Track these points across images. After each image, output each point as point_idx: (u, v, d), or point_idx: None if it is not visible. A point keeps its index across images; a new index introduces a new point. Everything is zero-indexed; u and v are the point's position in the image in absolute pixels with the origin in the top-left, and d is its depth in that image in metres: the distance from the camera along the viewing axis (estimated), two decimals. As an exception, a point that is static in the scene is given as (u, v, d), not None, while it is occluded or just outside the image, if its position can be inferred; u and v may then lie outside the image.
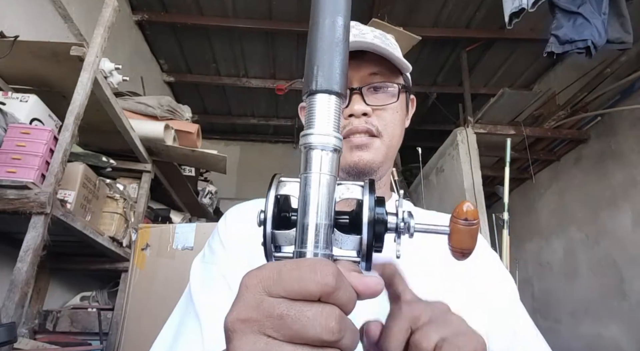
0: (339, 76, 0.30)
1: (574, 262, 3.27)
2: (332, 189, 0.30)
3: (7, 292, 1.08)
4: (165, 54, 3.59)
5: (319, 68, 0.30)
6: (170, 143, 2.04)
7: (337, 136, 0.30)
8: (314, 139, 0.29)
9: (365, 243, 0.30)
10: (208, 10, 3.11)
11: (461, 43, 3.30)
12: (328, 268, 0.26)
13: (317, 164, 0.29)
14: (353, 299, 0.27)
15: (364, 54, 0.62)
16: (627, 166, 2.81)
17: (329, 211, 0.29)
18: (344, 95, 0.30)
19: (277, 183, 0.32)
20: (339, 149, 0.30)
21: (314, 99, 0.30)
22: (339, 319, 0.25)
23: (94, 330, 1.76)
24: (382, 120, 0.63)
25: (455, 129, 3.00)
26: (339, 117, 0.30)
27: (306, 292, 0.25)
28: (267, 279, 0.26)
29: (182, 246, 1.50)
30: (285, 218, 0.33)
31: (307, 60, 0.31)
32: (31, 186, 1.17)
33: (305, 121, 0.30)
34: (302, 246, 0.29)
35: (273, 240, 0.31)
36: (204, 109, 4.46)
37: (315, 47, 0.31)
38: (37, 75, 1.52)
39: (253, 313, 0.25)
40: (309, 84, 0.30)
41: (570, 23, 1.92)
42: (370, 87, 0.63)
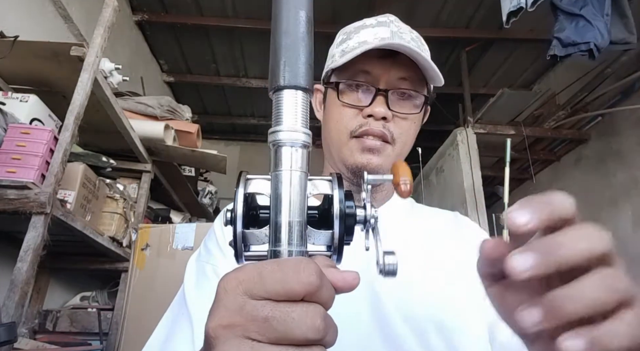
0: (305, 71, 0.30)
1: (574, 262, 3.26)
2: (304, 186, 0.29)
3: (7, 292, 1.08)
4: (165, 54, 3.59)
5: (284, 63, 0.29)
6: (170, 143, 2.04)
7: (305, 131, 0.29)
8: (283, 135, 0.29)
9: (337, 237, 0.30)
10: (208, 11, 3.11)
11: (461, 43, 3.29)
12: (311, 267, 0.25)
13: (287, 161, 0.29)
14: (333, 295, 0.27)
15: (396, 55, 0.59)
16: (627, 166, 2.80)
17: (301, 208, 0.29)
18: (310, 90, 0.30)
19: (244, 180, 0.31)
20: (308, 145, 0.30)
21: (280, 95, 0.29)
22: (323, 317, 0.25)
23: (94, 330, 1.76)
24: (399, 128, 0.61)
25: (455, 130, 3.00)
26: (307, 112, 0.30)
27: (291, 293, 0.24)
28: (248, 281, 0.25)
29: (182, 246, 1.50)
30: (254, 216, 0.32)
31: (272, 55, 0.30)
32: (31, 186, 1.17)
33: (273, 118, 0.30)
34: (277, 245, 0.28)
35: (243, 239, 0.30)
36: (204, 109, 4.45)
37: (280, 42, 0.30)
38: (37, 75, 1.52)
39: (236, 317, 0.24)
40: (275, 80, 0.29)
41: (572, 25, 1.92)
42: (396, 92, 0.61)
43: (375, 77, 0.61)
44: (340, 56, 0.62)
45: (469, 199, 2.73)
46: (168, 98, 2.17)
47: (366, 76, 0.61)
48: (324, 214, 0.33)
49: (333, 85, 0.64)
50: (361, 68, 0.61)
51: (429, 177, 3.50)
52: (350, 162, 0.61)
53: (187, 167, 2.67)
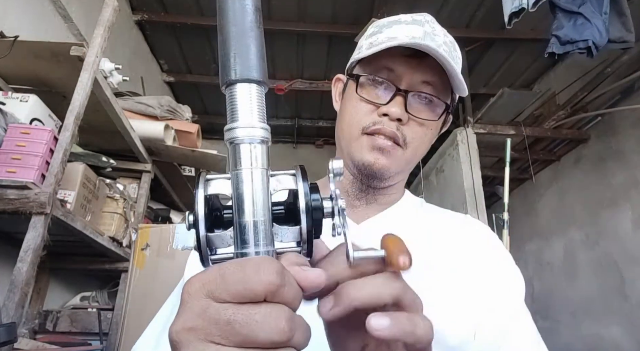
0: (257, 62, 0.28)
1: (574, 262, 3.27)
2: (266, 183, 0.28)
3: (7, 292, 1.08)
4: (165, 54, 3.59)
5: (234, 56, 0.28)
6: (170, 143, 2.04)
7: (263, 126, 0.28)
8: (240, 132, 0.28)
9: (304, 231, 0.30)
10: (208, 10, 3.11)
11: (461, 43, 3.26)
12: (272, 266, 0.25)
13: (246, 159, 0.28)
14: (299, 295, 0.26)
15: (424, 56, 0.56)
16: (627, 166, 2.81)
17: (265, 207, 0.28)
18: (264, 82, 0.29)
19: (204, 181, 0.30)
20: (266, 140, 0.28)
21: (233, 90, 0.28)
22: (288, 318, 0.24)
23: (94, 330, 1.76)
24: (413, 133, 0.59)
25: (455, 129, 3.00)
26: (262, 106, 0.29)
27: (251, 293, 0.24)
28: (210, 283, 0.25)
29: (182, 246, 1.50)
30: (218, 217, 0.31)
31: (221, 48, 0.29)
32: (31, 186, 1.17)
33: (228, 115, 0.28)
34: (243, 247, 0.27)
35: (209, 243, 0.29)
36: (204, 109, 4.45)
37: (228, 33, 0.28)
38: (37, 75, 1.52)
39: (198, 320, 0.24)
40: (227, 74, 0.28)
41: (570, 23, 1.92)
42: (417, 95, 0.59)
43: (398, 76, 0.59)
44: (367, 48, 0.60)
45: (469, 199, 2.73)
46: (168, 98, 2.17)
47: (389, 73, 0.59)
48: (290, 209, 0.32)
49: (354, 77, 0.61)
50: (385, 64, 0.59)
51: (429, 177, 3.50)
52: (357, 158, 0.59)
53: (187, 167, 2.67)
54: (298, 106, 4.34)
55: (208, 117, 4.51)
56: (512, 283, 0.60)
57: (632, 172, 2.77)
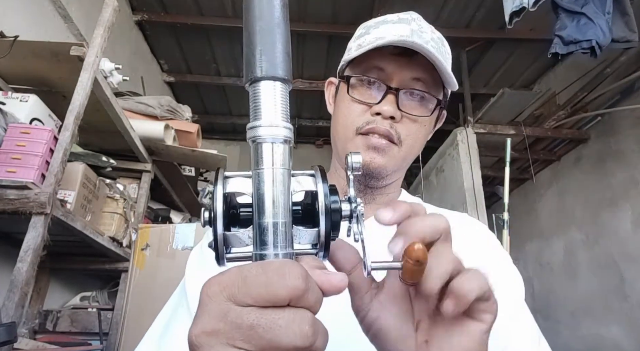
0: (283, 60, 0.28)
1: (574, 262, 3.27)
2: (287, 184, 0.28)
3: (7, 292, 1.08)
4: (165, 54, 3.59)
5: (261, 53, 0.27)
6: (170, 143, 2.04)
7: (286, 125, 0.28)
8: (263, 131, 0.27)
9: (323, 233, 0.29)
10: (208, 10, 3.11)
11: (461, 43, 3.29)
12: (296, 270, 0.24)
13: (268, 159, 0.27)
14: (320, 299, 0.26)
15: (413, 54, 0.57)
16: (627, 166, 2.81)
17: (286, 208, 0.27)
18: (289, 80, 0.28)
19: (222, 178, 0.29)
20: (289, 140, 0.28)
21: (257, 87, 0.28)
22: (311, 323, 0.24)
23: (94, 330, 1.76)
24: (407, 130, 0.59)
25: (455, 129, 3.00)
26: (287, 105, 0.28)
27: (275, 298, 0.24)
28: (231, 286, 0.24)
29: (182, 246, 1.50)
30: (234, 215, 0.30)
31: (246, 44, 0.28)
32: (31, 186, 1.17)
33: (251, 112, 0.28)
34: (262, 248, 0.27)
35: (225, 241, 0.28)
36: (204, 109, 4.45)
37: (254, 29, 0.28)
38: (37, 75, 1.52)
39: (220, 324, 0.24)
40: (252, 71, 0.27)
41: (574, 23, 1.91)
42: (408, 92, 0.59)
43: (388, 75, 0.59)
44: (356, 50, 0.61)
45: (469, 199, 2.73)
46: (168, 98, 2.17)
47: (379, 72, 0.59)
48: (307, 210, 0.31)
49: (345, 79, 0.62)
50: (375, 64, 0.59)
51: (429, 177, 3.50)
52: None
53: (187, 167, 2.67)
54: (298, 106, 4.34)
55: (208, 117, 4.51)
56: (511, 283, 0.60)
57: (632, 173, 2.77)
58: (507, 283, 0.59)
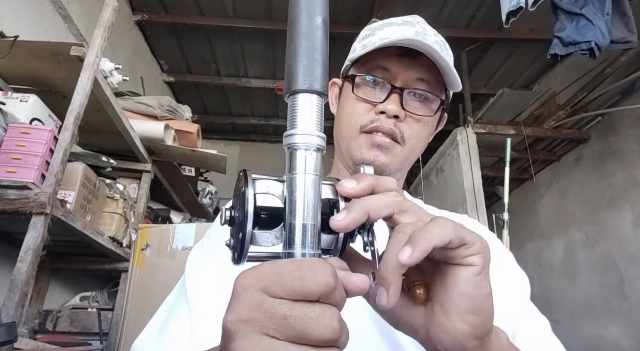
0: (321, 75, 0.30)
1: (574, 262, 3.27)
2: (318, 189, 0.30)
3: (7, 292, 1.08)
4: (165, 54, 3.59)
5: (304, 68, 0.30)
6: (170, 143, 2.04)
7: (320, 135, 0.30)
8: (298, 139, 0.29)
9: (341, 239, 0.31)
10: (208, 10, 3.11)
11: (461, 43, 3.29)
12: (327, 269, 0.26)
13: (301, 165, 0.29)
14: (345, 298, 0.27)
15: (417, 55, 0.58)
16: (627, 166, 2.81)
17: (316, 211, 0.29)
18: (325, 94, 0.30)
19: (252, 180, 0.31)
20: (322, 149, 0.30)
21: (296, 99, 0.30)
22: (339, 319, 0.25)
23: (94, 330, 1.76)
24: (411, 129, 0.60)
25: (455, 129, 3.00)
26: (321, 116, 0.30)
27: (308, 293, 0.25)
28: (266, 279, 0.26)
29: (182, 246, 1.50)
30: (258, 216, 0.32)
31: (288, 59, 0.31)
32: (31, 186, 1.17)
33: (288, 121, 0.30)
34: (291, 247, 0.29)
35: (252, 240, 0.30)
36: (204, 109, 4.45)
37: (296, 46, 0.30)
38: (37, 75, 1.52)
39: (254, 313, 0.25)
40: (292, 84, 0.30)
41: (573, 25, 1.92)
42: (412, 92, 0.60)
43: (392, 75, 0.60)
44: (361, 50, 0.61)
45: (469, 199, 2.73)
46: (168, 98, 2.17)
47: (384, 72, 0.60)
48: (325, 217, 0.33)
49: (349, 78, 0.63)
50: (380, 64, 0.60)
51: (429, 177, 3.50)
52: (357, 157, 0.60)
53: (187, 167, 2.67)
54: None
55: (208, 117, 4.51)
56: (517, 283, 0.61)
57: (632, 172, 2.77)
58: (512, 283, 0.60)
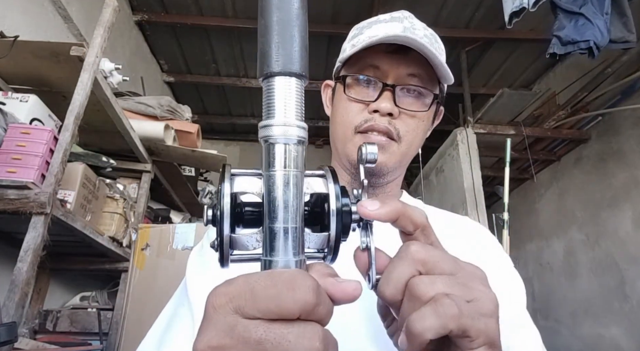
0: (300, 55, 0.26)
1: (574, 262, 3.27)
2: (300, 187, 0.26)
3: (7, 292, 1.08)
4: (165, 54, 3.59)
5: (277, 46, 0.25)
6: (170, 143, 2.04)
7: (301, 125, 0.26)
8: (276, 131, 0.25)
9: (333, 237, 0.28)
10: (208, 11, 3.11)
11: (460, 43, 3.29)
12: (306, 282, 0.23)
13: (281, 160, 0.26)
14: (331, 310, 0.25)
15: (407, 51, 0.57)
16: (628, 166, 2.80)
17: (298, 213, 0.26)
18: (304, 76, 0.26)
19: (229, 176, 0.28)
20: (303, 141, 0.26)
21: (271, 83, 0.26)
22: (321, 338, 0.23)
23: (94, 330, 1.76)
24: (406, 126, 0.59)
25: (455, 129, 3.00)
26: (302, 103, 0.26)
27: (285, 312, 0.23)
28: (239, 298, 0.23)
29: (182, 246, 1.50)
30: (239, 214, 0.28)
31: (262, 36, 0.26)
32: (31, 186, 1.17)
33: (264, 109, 0.26)
34: (272, 254, 0.25)
35: (230, 243, 0.27)
36: (204, 109, 4.45)
37: (271, 20, 0.26)
38: (37, 75, 1.52)
39: (226, 339, 0.23)
40: (267, 65, 0.25)
41: (572, 24, 1.92)
42: (405, 89, 0.59)
43: (383, 72, 0.59)
44: (350, 49, 0.61)
45: (469, 199, 2.73)
46: (168, 98, 2.17)
47: (375, 70, 0.60)
48: (315, 212, 0.30)
49: (341, 79, 0.62)
50: (370, 62, 0.60)
51: (429, 177, 3.50)
52: (354, 158, 0.60)
53: (187, 167, 2.67)
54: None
55: (208, 117, 4.51)
56: (513, 289, 0.59)
57: (632, 172, 2.76)
58: (508, 289, 0.58)
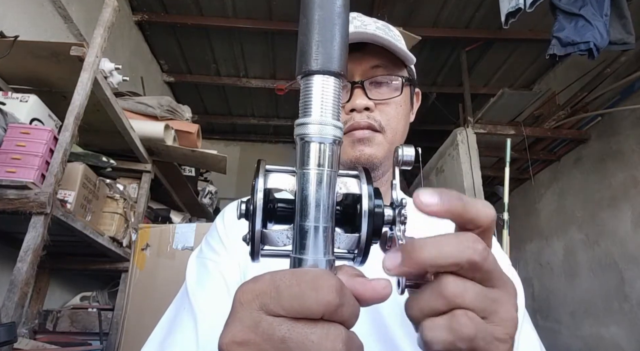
0: (340, 54, 0.26)
1: (574, 262, 3.27)
2: (333, 187, 0.26)
3: (7, 292, 1.08)
4: (165, 54, 3.59)
5: (318, 44, 0.26)
6: (170, 143, 2.04)
7: (337, 124, 0.26)
8: (312, 129, 0.26)
9: (364, 239, 0.27)
10: (208, 11, 3.11)
11: (461, 43, 3.29)
12: (330, 282, 0.23)
13: (315, 159, 0.26)
14: (357, 312, 0.25)
15: (365, 46, 0.59)
16: (627, 166, 2.80)
17: (330, 213, 0.26)
18: (343, 75, 0.26)
19: (264, 171, 0.28)
20: (339, 141, 0.27)
21: (309, 81, 0.26)
22: (345, 340, 0.23)
23: (94, 330, 1.76)
24: (385, 115, 0.61)
25: (455, 129, 3.00)
26: (338, 102, 0.27)
27: (308, 312, 0.23)
28: (264, 295, 0.23)
29: (182, 246, 1.50)
30: (271, 209, 0.28)
31: (303, 34, 0.26)
32: (31, 186, 1.17)
33: (301, 108, 0.26)
34: (301, 252, 0.25)
35: (262, 238, 0.27)
36: (204, 109, 4.45)
37: (312, 18, 0.26)
38: (37, 75, 1.52)
39: (251, 334, 0.23)
40: (305, 63, 0.26)
41: (571, 25, 1.93)
42: (373, 81, 0.61)
43: (348, 73, 0.60)
44: None
45: (469, 199, 2.72)
46: (168, 98, 2.17)
47: None
48: (346, 213, 0.29)
49: None
50: None
51: (429, 177, 3.50)
52: (344, 159, 0.60)
53: (187, 167, 2.68)
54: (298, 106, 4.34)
55: (208, 117, 4.51)
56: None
57: (632, 172, 2.76)
58: None
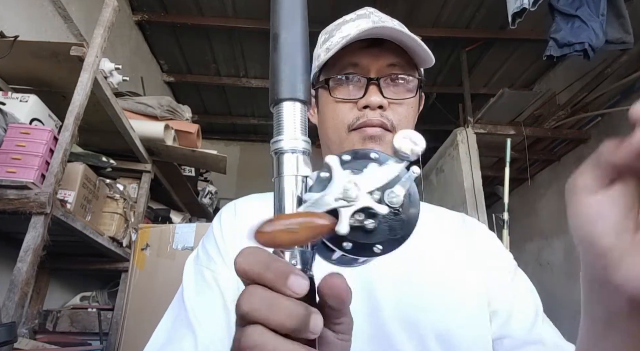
0: (302, 83, 0.32)
1: (574, 262, 3.26)
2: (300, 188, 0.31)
3: (7, 292, 1.08)
4: (165, 54, 3.59)
5: (282, 78, 0.32)
6: (170, 143, 2.04)
7: (305, 139, 0.32)
8: (284, 144, 0.31)
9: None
10: (208, 11, 3.11)
11: (461, 43, 3.29)
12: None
13: (290, 166, 0.31)
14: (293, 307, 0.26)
15: (383, 43, 0.59)
16: (627, 166, 2.80)
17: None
18: (307, 102, 0.32)
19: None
20: (307, 152, 0.32)
21: (280, 108, 0.32)
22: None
23: (94, 330, 1.76)
24: (398, 115, 0.60)
25: (455, 129, 3.00)
26: (305, 122, 0.32)
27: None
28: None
29: (182, 246, 1.50)
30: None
31: (271, 70, 0.32)
32: (31, 186, 1.17)
33: (274, 130, 0.31)
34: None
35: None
36: (204, 109, 4.45)
37: (278, 57, 0.32)
38: (37, 75, 1.52)
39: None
40: (275, 93, 0.32)
41: (568, 26, 1.94)
42: (388, 79, 0.60)
43: (364, 68, 0.60)
44: (325, 53, 0.61)
45: (469, 199, 2.73)
46: (168, 98, 2.17)
47: (355, 68, 0.60)
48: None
49: (323, 83, 0.62)
50: (349, 61, 0.60)
51: (429, 177, 3.50)
52: None
53: (187, 167, 2.67)
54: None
55: (208, 117, 4.51)
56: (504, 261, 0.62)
57: (632, 173, 2.76)
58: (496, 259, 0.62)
